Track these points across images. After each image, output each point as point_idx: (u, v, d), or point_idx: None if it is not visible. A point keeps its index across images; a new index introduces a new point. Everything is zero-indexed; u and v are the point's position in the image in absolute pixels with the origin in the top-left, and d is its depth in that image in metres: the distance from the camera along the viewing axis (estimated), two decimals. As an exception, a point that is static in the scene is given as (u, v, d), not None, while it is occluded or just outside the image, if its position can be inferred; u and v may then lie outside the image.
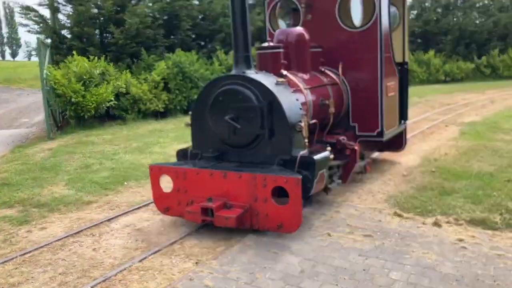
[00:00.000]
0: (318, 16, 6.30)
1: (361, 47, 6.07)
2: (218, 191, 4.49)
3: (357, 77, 6.12)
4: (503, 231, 4.33)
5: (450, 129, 9.99)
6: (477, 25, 26.48)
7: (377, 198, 5.44)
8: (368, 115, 6.08)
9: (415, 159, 7.39)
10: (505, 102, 14.61)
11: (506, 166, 6.55)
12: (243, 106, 4.60)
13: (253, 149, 4.74)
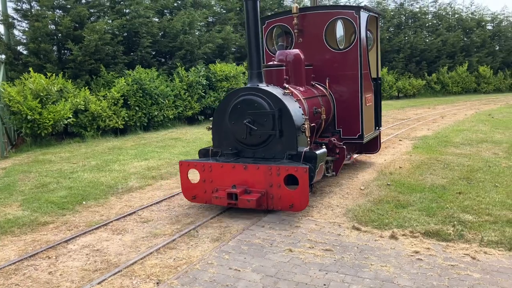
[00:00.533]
0: (308, 39, 7.59)
1: (344, 65, 7.42)
2: (239, 180, 5.56)
3: (341, 90, 7.47)
4: (455, 242, 4.53)
5: (403, 143, 10.36)
6: (427, 44, 27.70)
7: (336, 212, 5.57)
8: (350, 122, 7.43)
9: (371, 172, 7.62)
10: (455, 117, 15.30)
11: (457, 179, 6.86)
12: (258, 112, 5.76)
13: (266, 147, 5.88)
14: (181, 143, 11.49)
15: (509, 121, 13.42)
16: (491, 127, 12.25)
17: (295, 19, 7.56)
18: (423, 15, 28.84)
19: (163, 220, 5.54)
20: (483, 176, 6.97)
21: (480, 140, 10.29)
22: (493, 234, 4.60)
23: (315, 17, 7.61)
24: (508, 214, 5.16)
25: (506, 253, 4.23)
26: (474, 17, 30.26)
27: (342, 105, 7.44)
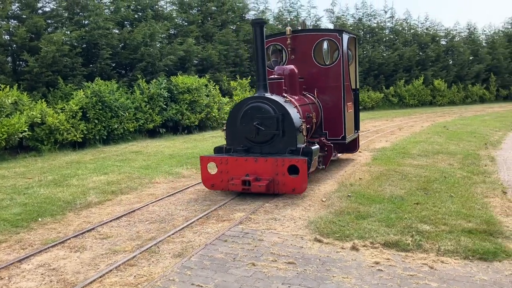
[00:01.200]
0: (299, 56, 9.02)
1: (329, 78, 8.94)
2: (251, 171, 6.89)
3: (327, 99, 8.97)
4: (414, 252, 4.65)
5: (363, 155, 10.58)
6: (384, 58, 28.58)
7: (299, 225, 5.60)
8: (335, 125, 8.91)
9: (332, 184, 7.73)
10: (412, 129, 15.79)
11: (414, 190, 7.05)
12: (265, 116, 7.11)
13: (271, 144, 7.19)
14: (142, 156, 11.31)
15: (463, 133, 13.97)
16: (446, 139, 12.71)
17: (289, 39, 8.97)
18: (381, 30, 29.78)
19: (123, 236, 5.41)
20: (439, 187, 7.20)
21: (436, 151, 10.64)
22: (449, 243, 4.75)
23: (305, 38, 9.10)
24: (463, 224, 5.34)
25: (461, 262, 4.37)
26: (429, 32, 31.49)
27: (328, 111, 8.96)
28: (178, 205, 6.72)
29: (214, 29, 20.98)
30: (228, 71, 20.78)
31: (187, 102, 16.33)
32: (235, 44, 21.15)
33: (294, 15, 26.93)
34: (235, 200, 6.87)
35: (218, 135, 15.38)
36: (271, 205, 6.49)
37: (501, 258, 4.42)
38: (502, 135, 14.18)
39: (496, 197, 6.78)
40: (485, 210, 5.94)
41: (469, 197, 6.57)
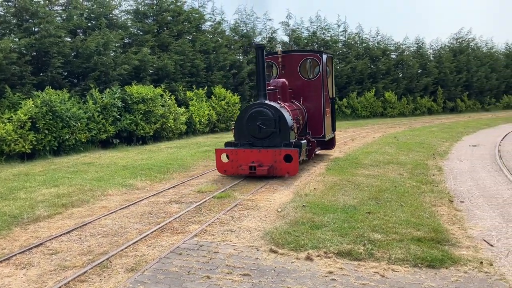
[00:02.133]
0: (288, 71, 11.39)
1: (312, 89, 11.29)
2: (255, 159, 9.06)
3: (310, 105, 11.31)
4: (366, 261, 4.76)
5: (317, 165, 10.77)
6: (338, 70, 29.29)
7: (254, 236, 5.62)
8: (316, 127, 11.27)
9: (288, 194, 7.81)
10: (364, 140, 16.23)
11: (366, 199, 7.24)
12: (265, 118, 9.30)
13: (270, 139, 9.37)
14: (94, 167, 11.01)
15: (412, 144, 14.50)
16: (396, 149, 13.14)
17: (280, 58, 11.43)
18: (334, 43, 30.55)
19: (74, 251, 5.23)
20: (390, 196, 7.42)
21: (387, 161, 10.98)
22: (399, 252, 4.90)
23: (293, 57, 11.54)
24: (412, 232, 5.52)
25: (411, 269, 4.52)
26: (380, 46, 32.59)
27: (311, 115, 11.29)
28: (131, 218, 6.58)
29: (170, 39, 20.84)
30: (184, 81, 20.67)
31: (141, 112, 16.08)
32: (192, 54, 21.09)
33: (250, 27, 27.20)
34: (190, 213, 6.80)
35: (174, 145, 15.22)
36: (227, 217, 6.48)
37: (447, 265, 4.60)
38: (449, 145, 14.82)
39: (443, 205, 7.07)
40: (433, 219, 6.18)
41: (418, 206, 6.81)
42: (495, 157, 12.07)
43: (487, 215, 6.61)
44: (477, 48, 37.82)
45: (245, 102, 24.06)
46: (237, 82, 24.21)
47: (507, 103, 37.74)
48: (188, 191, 8.26)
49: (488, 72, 36.48)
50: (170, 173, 10.19)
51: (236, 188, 8.39)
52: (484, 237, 5.58)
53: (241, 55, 26.26)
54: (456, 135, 17.85)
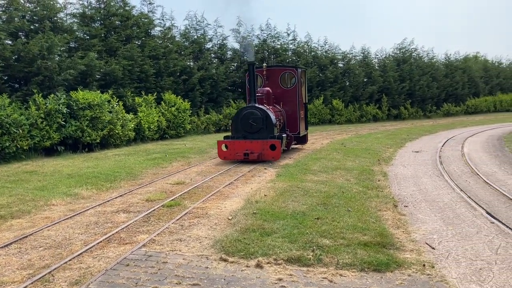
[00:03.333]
0: (271, 81, 14.56)
1: (289, 96, 14.54)
2: (248, 148, 11.94)
3: (288, 109, 14.53)
4: (315, 266, 4.83)
5: (268, 172, 10.84)
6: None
7: (204, 244, 5.56)
8: (293, 125, 14.51)
9: (239, 202, 7.79)
10: (313, 146, 16.52)
11: (315, 205, 7.36)
12: (256, 117, 12.25)
13: (259, 133, 12.25)
14: (37, 176, 10.53)
15: (359, 150, 14.92)
16: (343, 155, 13.48)
17: (265, 71, 14.62)
18: (284, 51, 30.97)
19: (13, 265, 4.97)
20: (338, 201, 7.59)
21: (335, 167, 11.24)
22: (347, 257, 5.01)
23: (275, 71, 14.86)
24: (359, 237, 5.67)
25: (358, 274, 4.63)
26: (328, 55, 33.39)
27: (289, 117, 14.59)
28: (76, 229, 6.33)
29: (118, 44, 20.38)
30: (133, 86, 20.26)
31: (88, 118, 15.57)
32: (141, 59, 20.72)
33: (201, 33, 27.07)
34: (139, 222, 6.65)
35: (122, 153, 14.85)
36: (177, 226, 6.38)
37: (392, 269, 4.76)
38: (393, 151, 15.38)
39: (388, 210, 7.31)
40: (379, 223, 6.38)
41: (365, 211, 7.00)
42: (436, 162, 12.65)
43: (429, 218, 6.90)
44: (419, 58, 39.56)
45: (196, 109, 23.89)
46: (188, 88, 24.02)
47: (447, 110, 39.69)
48: (136, 200, 8.07)
49: (430, 81, 38.22)
50: (118, 181, 9.92)
51: (186, 196, 8.29)
52: (427, 240, 5.81)
53: (191, 61, 26.10)
54: (400, 141, 18.55)
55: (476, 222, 6.67)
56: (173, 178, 10.13)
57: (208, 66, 25.73)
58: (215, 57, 28.09)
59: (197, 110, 24.05)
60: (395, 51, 38.95)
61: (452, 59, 43.58)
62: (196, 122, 23.04)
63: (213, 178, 10.11)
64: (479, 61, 48.06)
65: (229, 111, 24.99)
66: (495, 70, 48.43)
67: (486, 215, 7.08)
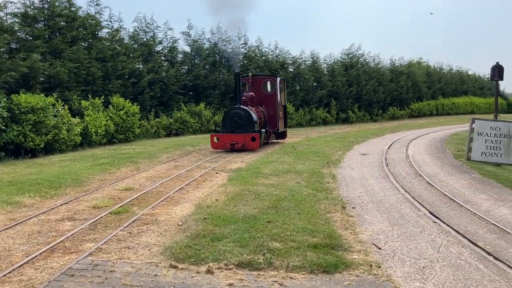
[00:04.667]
0: (255, 87, 17.80)
1: (270, 99, 17.96)
2: (234, 140, 15.54)
3: (269, 110, 17.83)
4: (266, 270, 4.85)
5: (220, 176, 10.81)
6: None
7: (154, 252, 5.45)
8: (273, 123, 17.89)
9: (189, 207, 7.71)
10: (264, 150, 16.62)
11: (266, 208, 7.40)
12: (241, 115, 15.63)
13: (243, 129, 15.64)
14: (-26, 184, 9.94)
15: (309, 153, 15.17)
16: (294, 158, 13.66)
17: (250, 79, 17.99)
18: (235, 55, 31.04)
19: None
20: (288, 204, 7.67)
21: (286, 170, 11.36)
22: (297, 259, 5.06)
23: (258, 79, 18.40)
24: (309, 239, 5.75)
25: (308, 276, 4.69)
26: (279, 60, 33.77)
27: (270, 116, 17.92)
28: (17, 239, 6.03)
29: (63, 45, 19.64)
30: (79, 90, 19.58)
31: (31, 123, 14.89)
32: (87, 62, 20.08)
33: (150, 35, 26.61)
34: (85, 230, 6.42)
35: (68, 158, 14.31)
36: (125, 233, 6.22)
37: (341, 270, 4.86)
38: (342, 154, 15.76)
39: (337, 212, 7.47)
40: (328, 225, 6.50)
41: (314, 213, 7.12)
42: (382, 164, 13.07)
43: (375, 219, 7.11)
44: (366, 64, 40.79)
45: (146, 112, 23.45)
46: (137, 91, 23.52)
47: (392, 114, 41.15)
48: (82, 207, 7.80)
49: (376, 86, 39.50)
50: (63, 188, 9.55)
51: (135, 202, 8.10)
52: (373, 240, 5.99)
53: (141, 63, 25.59)
54: (348, 144, 19.04)
55: (420, 222, 6.95)
56: (122, 184, 9.88)
57: (158, 69, 25.32)
58: (165, 60, 27.69)
59: (147, 114, 23.60)
60: (343, 57, 39.98)
61: (397, 65, 45.26)
62: (145, 126, 22.58)
63: (163, 183, 9.95)
64: (422, 67, 50.21)
65: (180, 115, 24.69)
66: (437, 75, 50.74)
67: (429, 215, 7.39)
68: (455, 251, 5.61)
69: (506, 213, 7.58)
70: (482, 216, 7.29)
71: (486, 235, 6.35)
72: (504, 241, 6.06)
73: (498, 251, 5.66)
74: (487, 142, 13.47)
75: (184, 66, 28.29)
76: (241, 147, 15.47)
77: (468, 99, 52.57)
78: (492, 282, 4.65)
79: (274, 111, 17.95)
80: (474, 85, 57.82)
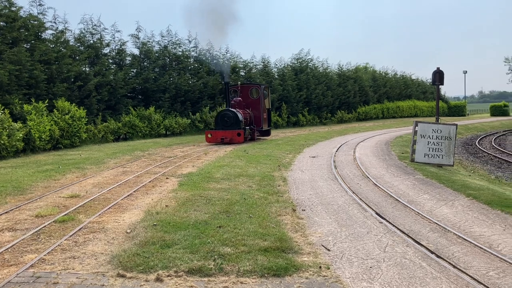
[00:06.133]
0: (243, 94, 22.81)
1: (256, 104, 22.77)
2: (224, 135, 20.03)
3: (255, 112, 22.69)
4: (216, 276, 4.81)
5: (170, 181, 10.65)
6: (190, 85, 29.53)
7: (100, 261, 5.28)
8: (258, 122, 22.79)
9: (138, 214, 7.54)
10: (216, 154, 16.57)
11: (217, 213, 7.36)
12: (229, 116, 20.25)
13: (230, 126, 20.16)
14: None
15: (260, 156, 15.26)
16: (246, 162, 13.69)
17: (239, 87, 22.88)
18: (186, 58, 30.74)
19: None
20: (240, 208, 7.67)
21: (238, 174, 11.37)
22: (247, 264, 5.07)
23: (246, 86, 23.11)
24: (260, 243, 5.77)
25: (258, 280, 4.70)
26: (230, 63, 33.79)
27: (255, 117, 22.54)
28: (-49, 252, 5.66)
29: (3, 47, 18.72)
30: (21, 93, 18.73)
31: (-33, 128, 14.07)
32: (30, 64, 19.24)
33: (97, 37, 25.86)
34: (26, 241, 6.13)
35: (9, 165, 13.62)
36: (70, 242, 5.99)
37: (291, 273, 4.91)
38: (292, 157, 15.96)
39: (288, 214, 7.55)
40: (278, 228, 6.56)
41: (265, 217, 7.16)
42: (331, 167, 13.36)
43: (324, 221, 7.25)
44: (315, 68, 41.58)
45: (93, 116, 22.76)
46: (83, 95, 22.79)
47: (340, 117, 42.19)
48: (24, 216, 7.43)
49: (325, 90, 40.36)
50: (3, 196, 9.06)
51: (81, 210, 7.82)
52: (322, 242, 6.10)
53: (87, 66, 24.81)
54: (299, 147, 19.33)
55: (367, 223, 7.15)
56: (67, 191, 9.52)
57: (105, 72, 24.64)
58: (113, 62, 26.99)
59: (94, 118, 22.90)
60: (293, 61, 40.57)
61: (344, 70, 46.45)
62: (92, 131, 21.89)
63: (111, 189, 9.68)
64: (368, 72, 51.83)
65: (128, 119, 24.13)
66: (382, 80, 52.53)
67: (376, 215, 7.62)
68: (400, 250, 5.81)
69: (447, 212, 7.94)
70: (425, 216, 7.60)
71: (429, 234, 6.62)
72: (445, 239, 6.34)
73: (440, 249, 5.91)
74: (430, 144, 14.09)
75: (132, 69, 27.69)
76: (229, 141, 19.93)
77: (412, 103, 54.76)
78: (434, 279, 4.85)
79: (259, 113, 22.66)
80: (418, 89, 60.30)
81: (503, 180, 14.98)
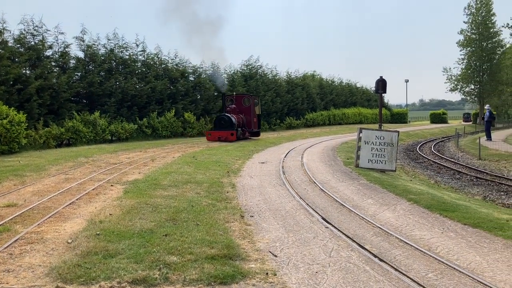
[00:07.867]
0: (237, 102, 28.14)
1: (248, 110, 28.10)
2: (220, 135, 25.46)
3: (247, 117, 27.99)
4: (161, 286, 4.70)
5: (115, 189, 10.34)
6: (137, 90, 28.90)
7: (38, 273, 5.02)
8: (249, 126, 28.05)
9: (81, 223, 7.26)
10: (164, 160, 16.29)
11: (164, 221, 7.21)
12: (225, 120, 25.63)
13: (226, 128, 25.41)
14: None
15: (209, 162, 15.16)
16: (194, 168, 13.55)
17: (234, 96, 28.38)
18: (133, 62, 30.08)
19: None
20: (187, 216, 7.56)
21: (185, 181, 11.21)
22: (194, 272, 4.99)
23: (239, 96, 28.66)
24: (207, 251, 5.70)
25: (204, 288, 4.64)
26: (179, 68, 33.41)
27: (247, 121, 27.88)
28: None
29: None
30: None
31: None
32: (-37, 65, 18.14)
33: (39, 39, 24.78)
34: (-44, 253, 5.72)
35: None
36: (4, 255, 5.65)
37: (238, 280, 4.88)
38: (242, 163, 15.97)
39: (236, 221, 7.52)
40: (226, 235, 6.51)
41: (213, 224, 7.10)
42: (279, 172, 13.48)
43: (272, 227, 7.28)
44: (264, 75, 41.97)
45: (33, 121, 21.77)
46: (23, 98, 21.74)
47: (289, 124, 42.78)
48: (-46, 228, 6.95)
49: (274, 96, 40.81)
50: None
51: (18, 220, 7.42)
52: (270, 248, 6.12)
53: (28, 69, 23.72)
54: (248, 153, 19.37)
55: (313, 228, 7.25)
56: (3, 200, 9.01)
57: (47, 75, 23.63)
58: (56, 65, 25.95)
59: (35, 123, 21.89)
60: (243, 68, 40.76)
61: (292, 77, 47.22)
62: (33, 136, 20.92)
63: (51, 198, 9.26)
64: (315, 79, 52.92)
65: (72, 124, 23.26)
66: (329, 87, 53.84)
67: (322, 220, 7.75)
68: (345, 254, 5.93)
69: (389, 216, 8.21)
70: (369, 220, 7.82)
71: (372, 238, 6.81)
72: (387, 243, 6.55)
73: (383, 252, 6.09)
74: (373, 150, 14.55)
75: (77, 72, 26.74)
76: (224, 139, 24.85)
77: (357, 110, 56.47)
78: (377, 283, 4.98)
79: (250, 118, 27.79)
80: (362, 97, 62.29)
81: (441, 184, 15.73)
